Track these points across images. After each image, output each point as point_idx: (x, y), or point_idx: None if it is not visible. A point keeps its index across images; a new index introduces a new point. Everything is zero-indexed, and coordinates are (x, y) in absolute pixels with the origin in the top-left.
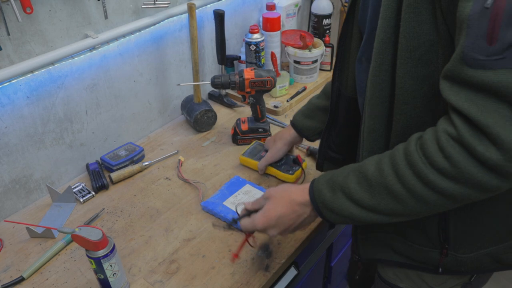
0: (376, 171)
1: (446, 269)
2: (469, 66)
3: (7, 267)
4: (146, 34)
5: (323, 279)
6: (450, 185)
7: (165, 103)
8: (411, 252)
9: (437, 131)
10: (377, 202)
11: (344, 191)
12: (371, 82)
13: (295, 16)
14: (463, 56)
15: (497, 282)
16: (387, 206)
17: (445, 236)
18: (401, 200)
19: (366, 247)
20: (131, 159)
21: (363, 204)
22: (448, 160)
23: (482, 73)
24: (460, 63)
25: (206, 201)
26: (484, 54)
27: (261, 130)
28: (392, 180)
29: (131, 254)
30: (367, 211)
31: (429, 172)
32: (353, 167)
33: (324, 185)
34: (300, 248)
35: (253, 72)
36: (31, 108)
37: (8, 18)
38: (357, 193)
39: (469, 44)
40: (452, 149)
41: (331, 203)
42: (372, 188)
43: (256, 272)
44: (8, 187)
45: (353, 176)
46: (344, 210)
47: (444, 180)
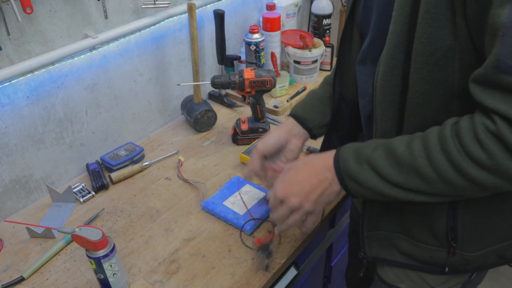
0: (406, 150)
1: (452, 268)
2: (505, 73)
3: (7, 267)
4: (146, 34)
5: (323, 279)
6: (484, 176)
7: (165, 103)
8: (417, 251)
9: (474, 122)
10: (404, 180)
11: (370, 164)
12: (382, 86)
13: (295, 16)
14: (498, 63)
15: (497, 281)
16: (415, 185)
17: (453, 235)
18: (429, 182)
19: (372, 245)
20: (131, 159)
21: (389, 179)
22: (485, 151)
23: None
24: (495, 70)
25: (206, 201)
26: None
27: (261, 130)
28: (422, 162)
29: (131, 254)
30: (392, 186)
31: (463, 161)
32: (381, 142)
33: (350, 155)
34: (300, 248)
35: (253, 72)
36: (31, 108)
37: (8, 18)
38: (385, 168)
39: (504, 51)
40: (489, 141)
41: (356, 173)
42: (400, 166)
43: (256, 272)
44: (8, 187)
45: (381, 151)
46: (369, 182)
47: (478, 171)
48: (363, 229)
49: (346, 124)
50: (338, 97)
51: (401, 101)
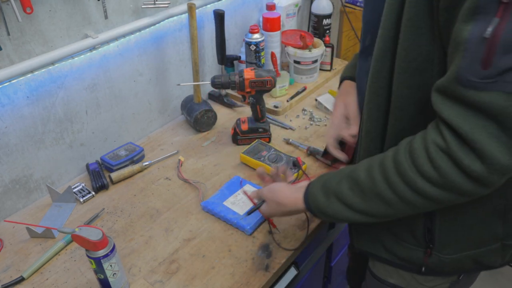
0: (367, 177)
1: (429, 269)
2: (463, 86)
3: (7, 267)
4: (146, 34)
5: (323, 279)
6: (437, 192)
7: (165, 103)
8: (398, 249)
9: (426, 141)
10: (369, 207)
11: (337, 196)
12: (369, 87)
13: (295, 16)
14: (457, 76)
15: (497, 281)
16: (379, 210)
17: (430, 236)
18: (392, 205)
19: (359, 238)
20: (131, 159)
21: (356, 208)
22: (436, 170)
23: (475, 93)
24: (455, 81)
25: (206, 201)
26: (477, 77)
27: (261, 130)
28: (382, 187)
29: (131, 254)
30: (360, 214)
31: (418, 180)
32: (346, 172)
33: (319, 191)
34: (300, 248)
35: (253, 72)
36: (31, 108)
37: (8, 18)
38: (350, 198)
39: (464, 66)
40: (440, 160)
41: (325, 208)
42: (364, 194)
43: (256, 272)
44: (8, 187)
45: (346, 182)
46: (338, 214)
47: (432, 188)
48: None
49: None
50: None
51: (386, 104)
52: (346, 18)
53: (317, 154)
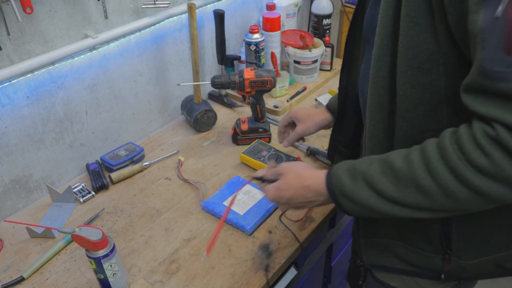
0: (405, 163)
1: (448, 275)
2: (491, 79)
3: (7, 267)
4: (146, 34)
5: (323, 279)
6: (487, 184)
7: (165, 103)
8: (414, 258)
9: (473, 129)
10: (402, 195)
11: (366, 179)
12: (370, 88)
13: (295, 16)
14: (482, 70)
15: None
16: (413, 200)
17: (447, 242)
18: (429, 195)
19: (369, 253)
20: (131, 159)
21: (386, 195)
22: (487, 157)
23: (507, 85)
24: (481, 77)
25: (206, 201)
26: (504, 65)
27: (261, 130)
28: (422, 173)
29: (131, 254)
30: (389, 203)
31: (465, 169)
32: (378, 156)
33: (345, 172)
34: (300, 248)
35: (253, 72)
36: (31, 108)
37: (8, 18)
38: (381, 183)
39: (486, 57)
40: (491, 146)
41: (350, 190)
42: (398, 180)
43: (256, 272)
44: (8, 187)
45: (378, 165)
46: (364, 199)
47: (481, 178)
48: (359, 236)
49: (351, 118)
50: (344, 91)
51: (390, 106)
52: (346, 18)
53: (317, 154)
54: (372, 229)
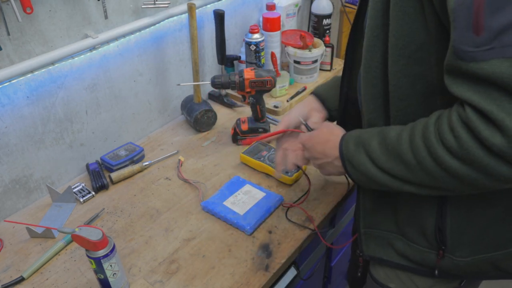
0: (395, 136)
1: (442, 271)
2: (461, 59)
3: (7, 267)
4: (146, 34)
5: (323, 279)
6: (456, 164)
7: (165, 103)
8: (410, 252)
9: (451, 110)
10: (391, 166)
11: (365, 148)
12: (363, 78)
13: (295, 16)
14: (454, 50)
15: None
16: (399, 172)
17: (441, 236)
18: (411, 170)
19: (369, 244)
20: (131, 159)
21: (379, 164)
22: (456, 139)
23: (475, 65)
24: (454, 57)
25: (206, 201)
26: (472, 45)
27: (261, 130)
28: (406, 148)
29: (131, 254)
30: (382, 172)
31: (438, 147)
32: (380, 128)
33: (352, 139)
34: (300, 248)
35: (253, 72)
36: (31, 108)
37: (8, 18)
38: (375, 152)
39: (457, 37)
40: (460, 129)
41: (352, 156)
42: (388, 151)
43: (256, 272)
44: (8, 187)
45: (377, 136)
46: (361, 165)
47: (451, 158)
48: (359, 226)
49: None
50: (345, 97)
51: (384, 95)
52: (346, 18)
53: None
54: (373, 220)
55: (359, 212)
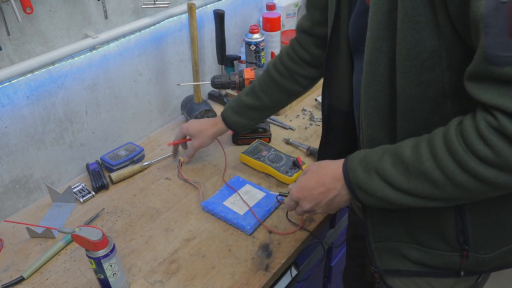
0: (413, 155)
1: (468, 271)
2: (495, 64)
3: (7, 267)
4: (146, 34)
5: (323, 279)
6: (493, 173)
7: (165, 103)
8: (429, 259)
9: (476, 119)
10: (414, 186)
11: (378, 173)
12: (364, 93)
13: (295, 16)
14: (486, 56)
15: (496, 282)
16: (425, 191)
17: (464, 238)
18: (439, 186)
19: (382, 258)
20: (131, 159)
21: (398, 187)
22: (490, 148)
23: (510, 68)
24: (484, 63)
25: (206, 201)
26: (508, 49)
27: (261, 130)
28: (430, 166)
29: (131, 254)
30: (403, 194)
31: (470, 160)
32: (388, 148)
33: (358, 165)
34: (300, 248)
35: (253, 72)
36: (31, 108)
37: (8, 18)
38: (393, 175)
39: (490, 43)
40: (493, 137)
41: (364, 184)
42: (408, 172)
43: (256, 272)
44: (8, 187)
45: (388, 157)
46: (378, 191)
47: (486, 169)
48: (370, 241)
49: (339, 134)
50: (327, 108)
51: (389, 107)
52: None
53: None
54: (382, 234)
55: (367, 227)
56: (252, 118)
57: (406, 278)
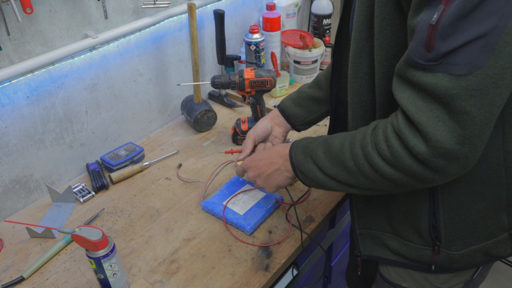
0: (338, 145)
1: (438, 266)
2: (412, 67)
3: (7, 267)
4: (146, 34)
5: (323, 279)
6: (390, 170)
7: (165, 103)
8: (406, 250)
9: (387, 121)
10: (335, 172)
11: (312, 157)
12: (350, 88)
13: (295, 16)
14: (407, 58)
15: (496, 281)
16: (343, 177)
17: (436, 233)
18: (353, 175)
19: (365, 244)
20: (131, 159)
21: (325, 171)
22: (389, 149)
23: (422, 74)
24: (405, 63)
25: (206, 201)
26: (423, 59)
27: None
28: (347, 156)
29: (131, 254)
30: (328, 178)
31: (374, 155)
32: (325, 138)
33: (299, 149)
34: (300, 248)
35: (253, 72)
36: (31, 108)
37: (8, 18)
38: (321, 160)
39: (412, 48)
40: (393, 139)
41: (301, 165)
42: (332, 159)
43: (256, 272)
44: (8, 187)
45: (322, 145)
46: (311, 172)
47: (385, 165)
48: (355, 226)
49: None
50: (335, 98)
51: (370, 103)
52: None
53: None
54: (367, 221)
55: (353, 213)
56: (312, 111)
57: (402, 270)
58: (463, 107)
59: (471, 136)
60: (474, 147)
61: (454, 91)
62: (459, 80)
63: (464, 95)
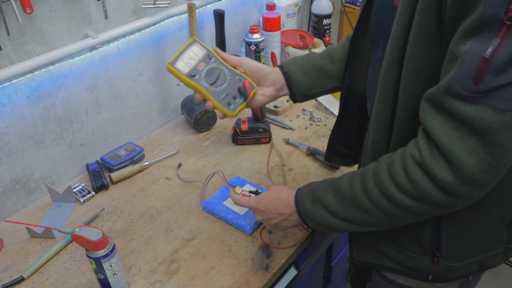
0: (348, 187)
1: (436, 276)
2: (451, 96)
3: (7, 267)
4: (146, 34)
5: (323, 279)
6: (412, 203)
7: (165, 103)
8: (403, 258)
9: (405, 154)
10: (351, 214)
11: (322, 204)
12: (377, 97)
13: (295, 16)
14: (448, 86)
15: (496, 281)
16: (360, 218)
17: (437, 245)
18: (370, 214)
19: (359, 251)
20: (131, 159)
21: (338, 215)
22: (411, 182)
23: (461, 105)
24: (444, 91)
25: (206, 201)
26: (467, 90)
27: (261, 130)
28: (361, 196)
29: (131, 254)
30: (343, 221)
31: (393, 191)
32: (331, 181)
33: (306, 197)
34: (300, 248)
35: None
36: (31, 108)
37: (8, 18)
38: (333, 206)
39: (456, 77)
40: (415, 172)
41: (312, 213)
42: (345, 202)
43: (256, 272)
44: (8, 187)
45: (330, 190)
46: (323, 220)
47: (407, 199)
48: (351, 234)
49: (354, 114)
50: (346, 90)
51: (392, 114)
52: (346, 18)
53: (317, 154)
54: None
55: None
56: (318, 84)
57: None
58: (501, 141)
59: (500, 165)
60: (499, 174)
61: (496, 125)
62: (502, 114)
63: (506, 129)
